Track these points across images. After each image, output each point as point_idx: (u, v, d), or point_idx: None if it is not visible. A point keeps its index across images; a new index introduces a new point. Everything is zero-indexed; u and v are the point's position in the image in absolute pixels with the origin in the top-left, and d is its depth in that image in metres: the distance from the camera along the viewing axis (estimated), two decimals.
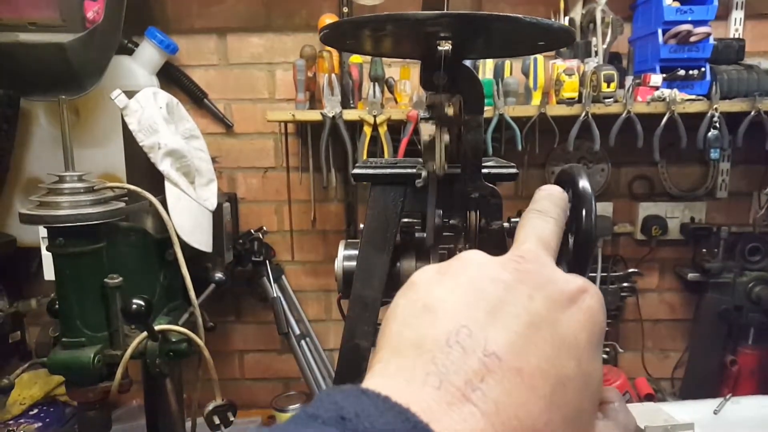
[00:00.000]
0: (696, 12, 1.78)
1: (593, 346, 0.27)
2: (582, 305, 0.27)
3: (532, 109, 1.84)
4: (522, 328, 0.25)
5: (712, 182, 2.09)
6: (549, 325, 0.26)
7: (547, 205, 0.36)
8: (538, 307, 0.26)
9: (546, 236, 0.33)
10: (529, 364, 0.24)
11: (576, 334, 0.26)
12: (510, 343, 0.24)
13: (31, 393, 1.97)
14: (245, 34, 2.07)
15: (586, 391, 0.26)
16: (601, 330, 0.28)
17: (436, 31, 0.68)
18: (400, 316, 0.28)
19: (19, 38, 1.60)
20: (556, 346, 0.25)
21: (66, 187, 1.29)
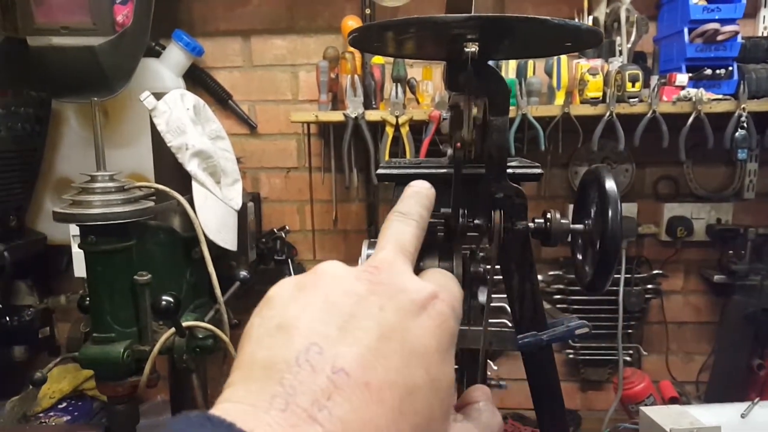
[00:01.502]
0: (723, 10, 1.75)
1: (443, 351, 0.27)
2: (432, 312, 0.28)
3: (556, 108, 1.83)
4: (372, 341, 0.25)
5: (739, 183, 2.06)
6: (399, 336, 0.26)
7: (411, 206, 0.36)
8: (389, 318, 0.26)
9: (405, 241, 0.33)
10: (378, 377, 0.24)
11: (425, 341, 0.26)
12: (359, 358, 0.24)
13: (60, 387, 2.01)
14: (269, 36, 2.09)
15: (435, 397, 0.26)
16: (452, 334, 0.28)
17: (462, 33, 0.69)
18: (254, 336, 0.27)
19: (52, 42, 1.65)
20: (405, 356, 0.25)
21: (98, 186, 1.33)
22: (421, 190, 0.38)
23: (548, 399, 0.95)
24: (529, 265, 0.91)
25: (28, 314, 2.02)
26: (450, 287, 0.31)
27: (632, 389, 2.00)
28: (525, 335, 0.92)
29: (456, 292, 0.32)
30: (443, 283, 0.32)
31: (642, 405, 1.95)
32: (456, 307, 0.30)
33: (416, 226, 0.35)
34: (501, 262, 0.90)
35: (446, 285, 0.31)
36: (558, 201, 2.12)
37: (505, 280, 0.91)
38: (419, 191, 0.38)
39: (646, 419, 1.49)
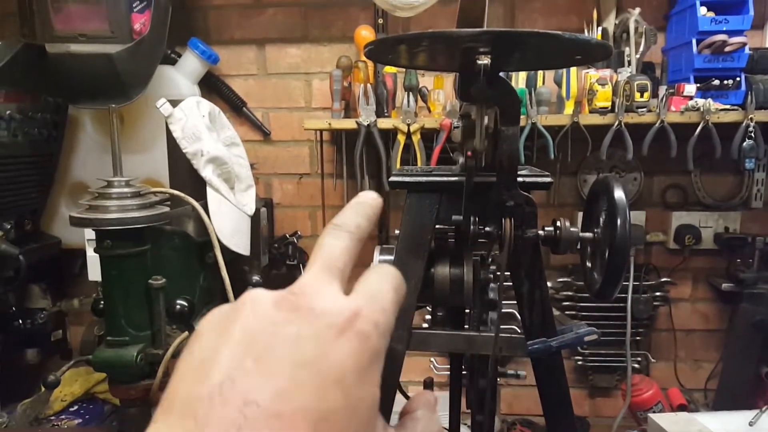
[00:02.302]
0: (731, 22, 1.77)
1: (362, 372, 0.27)
2: (350, 334, 0.27)
3: (565, 118, 1.85)
4: (286, 371, 0.25)
5: (746, 192, 2.07)
6: (314, 363, 0.26)
7: (347, 216, 0.35)
8: (305, 346, 0.26)
9: (333, 256, 0.32)
10: (290, 407, 0.24)
11: (342, 365, 0.26)
12: (271, 389, 0.24)
13: (72, 390, 2.03)
14: (283, 44, 2.13)
15: (354, 418, 0.26)
16: (373, 353, 0.28)
17: (475, 46, 0.71)
18: (179, 370, 0.27)
19: (70, 49, 1.67)
20: (320, 382, 0.25)
21: (114, 191, 1.35)
22: (364, 200, 0.37)
23: (557, 405, 0.97)
24: (539, 272, 0.93)
25: (41, 317, 2.03)
26: (378, 297, 0.30)
27: (640, 396, 2.00)
28: (534, 341, 0.93)
29: (385, 301, 0.30)
30: (372, 292, 0.30)
31: (650, 412, 1.96)
32: (380, 321, 0.28)
33: (349, 238, 0.34)
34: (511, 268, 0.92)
35: (374, 295, 0.30)
36: (567, 209, 2.14)
37: (515, 286, 0.93)
38: (361, 201, 0.37)
39: (655, 426, 1.50)
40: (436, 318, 1.09)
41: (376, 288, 0.31)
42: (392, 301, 0.31)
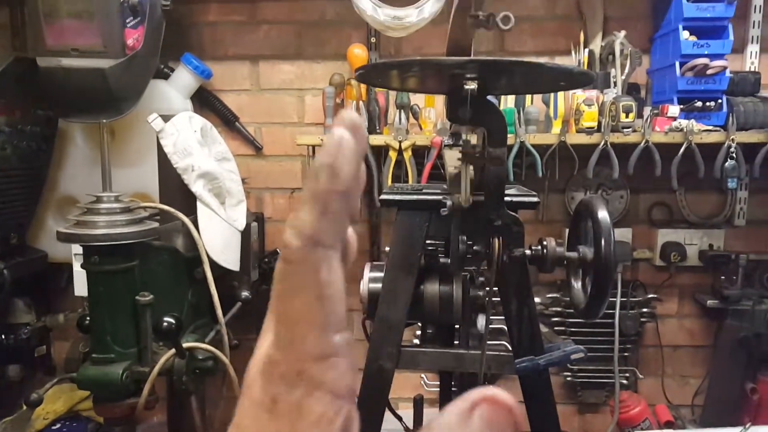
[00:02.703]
0: (712, 46, 1.82)
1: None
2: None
3: (552, 137, 1.88)
4: None
5: (730, 210, 2.10)
6: None
7: (308, 190, 0.23)
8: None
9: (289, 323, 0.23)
10: None
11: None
12: None
13: (55, 408, 1.99)
14: (277, 61, 2.14)
15: None
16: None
17: (462, 72, 0.73)
18: None
19: (62, 63, 1.67)
20: None
21: (103, 207, 1.35)
22: (336, 163, 0.22)
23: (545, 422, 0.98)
24: (527, 290, 0.94)
25: (24, 332, 1.99)
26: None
27: (628, 413, 2.02)
28: (522, 359, 0.95)
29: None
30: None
31: (638, 429, 1.97)
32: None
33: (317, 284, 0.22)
34: (499, 287, 0.93)
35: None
36: (555, 225, 2.16)
37: (504, 304, 0.95)
38: (333, 168, 0.22)
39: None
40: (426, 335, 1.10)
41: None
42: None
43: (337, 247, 0.23)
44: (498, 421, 0.22)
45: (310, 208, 0.22)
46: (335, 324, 0.23)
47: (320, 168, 0.22)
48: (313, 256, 0.22)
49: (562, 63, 1.97)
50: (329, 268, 0.23)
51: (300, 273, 0.22)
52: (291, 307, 0.22)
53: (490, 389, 0.22)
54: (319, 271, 0.22)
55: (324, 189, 0.22)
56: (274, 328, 0.23)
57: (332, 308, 0.23)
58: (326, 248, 0.22)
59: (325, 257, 0.22)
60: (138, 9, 1.70)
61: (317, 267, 0.22)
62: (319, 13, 2.11)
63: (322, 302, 0.22)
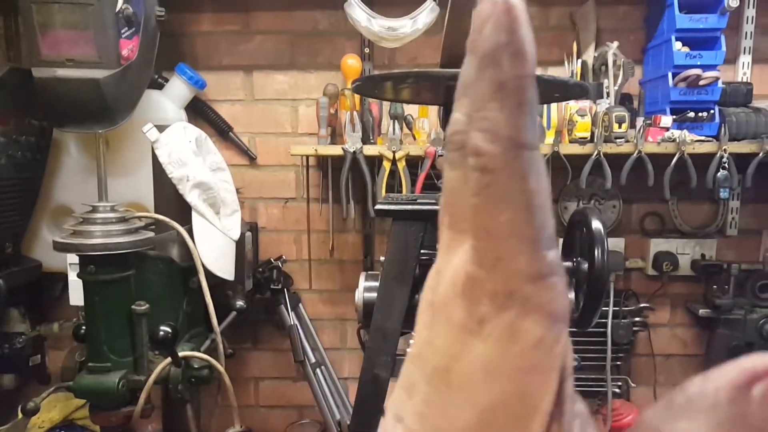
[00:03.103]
0: (705, 57, 1.84)
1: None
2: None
3: (546, 147, 1.89)
4: None
5: (722, 220, 2.12)
6: None
7: (489, 80, 0.19)
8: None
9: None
10: None
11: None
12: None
13: (51, 416, 1.99)
14: (271, 71, 2.15)
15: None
16: None
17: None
18: None
19: (57, 74, 1.67)
20: None
21: (99, 217, 1.35)
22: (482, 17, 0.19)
23: None
24: None
25: (19, 342, 2.00)
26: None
27: (621, 421, 2.02)
28: None
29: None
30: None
31: None
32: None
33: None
34: None
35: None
36: None
37: None
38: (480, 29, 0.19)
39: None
40: None
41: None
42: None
43: (539, 146, 0.19)
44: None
45: (500, 103, 0.18)
46: (548, 239, 0.19)
47: (497, 49, 0.18)
48: (519, 160, 0.18)
49: (556, 74, 1.99)
50: (538, 173, 0.19)
51: (505, 182, 0.19)
52: (495, 221, 0.19)
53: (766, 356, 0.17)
54: (528, 179, 0.19)
55: (512, 75, 0.18)
56: (473, 244, 0.19)
57: (544, 221, 0.19)
58: (530, 149, 0.19)
59: (531, 160, 0.19)
60: (133, 19, 1.71)
61: (524, 173, 0.19)
62: (312, 24, 2.13)
63: (532, 214, 0.19)
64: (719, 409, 0.16)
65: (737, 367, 0.17)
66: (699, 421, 0.16)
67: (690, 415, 0.16)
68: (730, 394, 0.17)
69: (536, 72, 0.19)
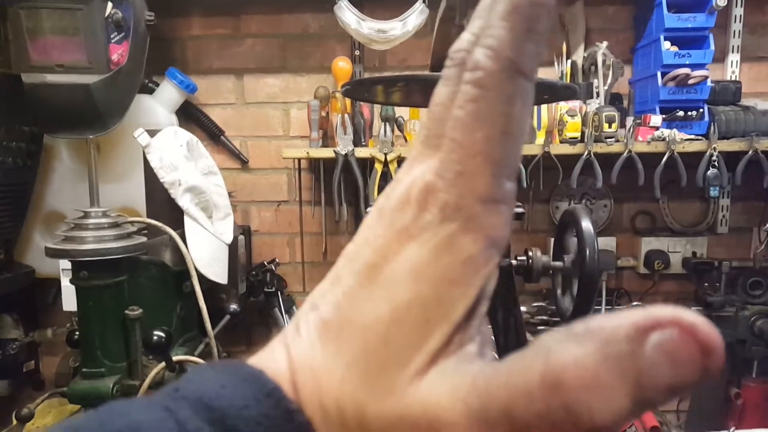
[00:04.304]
0: (693, 56, 1.85)
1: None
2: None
3: (536, 147, 1.90)
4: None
5: (712, 218, 2.14)
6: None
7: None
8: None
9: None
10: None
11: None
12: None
13: (45, 422, 1.98)
14: (262, 74, 2.15)
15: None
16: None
17: None
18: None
19: (47, 79, 1.67)
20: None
21: (91, 222, 1.35)
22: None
23: None
24: (513, 300, 0.95)
25: (12, 348, 1.99)
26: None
27: None
28: None
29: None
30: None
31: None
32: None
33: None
34: None
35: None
36: (540, 235, 2.18)
37: (490, 314, 0.96)
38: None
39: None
40: None
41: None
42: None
43: (534, 79, 0.20)
44: (684, 358, 0.16)
45: (510, 24, 0.19)
46: (511, 168, 0.20)
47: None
48: (511, 84, 0.19)
49: (545, 74, 2.00)
50: (524, 102, 0.19)
51: (492, 101, 0.19)
52: (471, 137, 0.19)
53: (680, 310, 0.17)
54: (513, 104, 0.19)
55: (528, 1, 0.19)
56: (443, 154, 0.20)
57: (514, 149, 0.20)
58: (525, 77, 0.19)
59: (522, 88, 0.19)
60: (122, 24, 1.71)
61: (512, 98, 0.19)
62: (302, 27, 2.13)
63: (506, 139, 0.19)
64: (612, 342, 0.17)
65: (645, 311, 0.17)
66: (588, 348, 0.16)
67: (583, 342, 0.17)
68: (628, 332, 0.17)
69: (553, 2, 0.19)
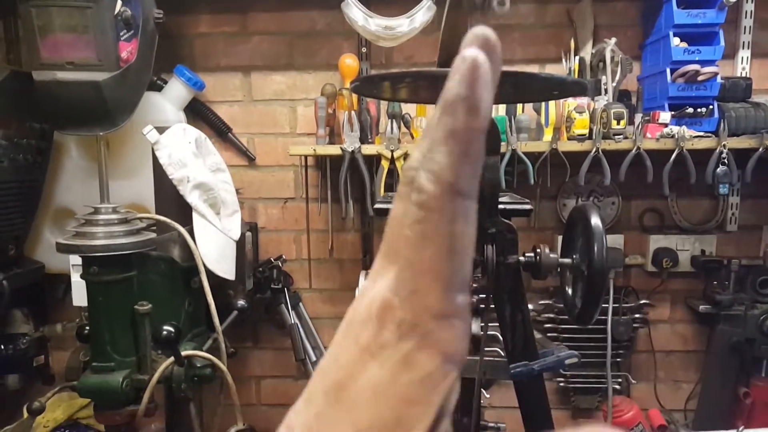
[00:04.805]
0: (703, 52, 1.84)
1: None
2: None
3: (544, 144, 1.90)
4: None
5: (721, 216, 2.13)
6: None
7: (444, 127, 0.20)
8: None
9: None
10: None
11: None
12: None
13: (55, 416, 2.01)
14: (269, 72, 2.16)
15: None
16: None
17: None
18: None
19: (57, 76, 1.68)
20: None
21: (101, 218, 1.36)
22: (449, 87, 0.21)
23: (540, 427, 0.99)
24: (521, 297, 0.96)
25: (23, 343, 2.01)
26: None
27: (621, 417, 2.03)
28: (517, 365, 0.96)
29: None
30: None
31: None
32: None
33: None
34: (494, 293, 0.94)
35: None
36: (547, 232, 2.18)
37: (498, 311, 0.96)
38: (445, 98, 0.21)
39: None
40: None
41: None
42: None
43: (475, 197, 0.21)
44: None
45: (448, 149, 0.20)
46: (461, 283, 0.21)
47: (457, 101, 0.20)
48: (452, 205, 0.20)
49: (553, 71, 1.99)
50: (466, 220, 0.21)
51: (435, 222, 0.20)
52: (420, 256, 0.20)
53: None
54: (456, 223, 0.20)
55: (464, 127, 0.20)
56: (397, 272, 0.21)
57: (462, 265, 0.21)
58: (465, 197, 0.20)
59: (463, 208, 0.20)
60: (131, 22, 1.72)
61: (454, 218, 0.20)
62: (309, 24, 2.14)
63: (452, 257, 0.20)
64: None
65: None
66: None
67: None
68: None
69: (486, 127, 0.20)
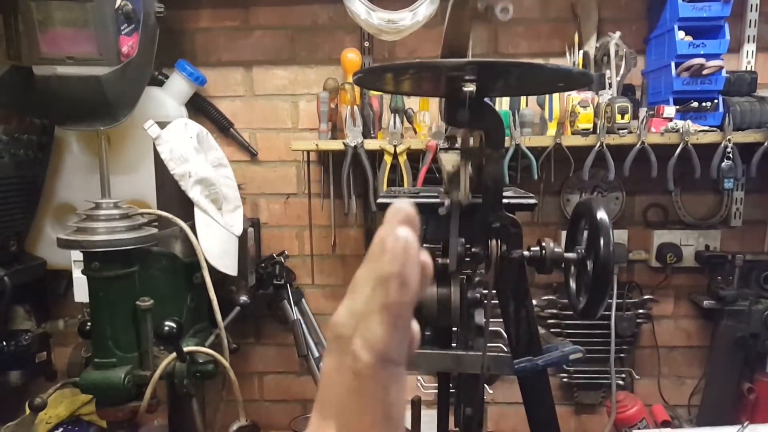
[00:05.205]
0: (708, 46, 1.83)
1: None
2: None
3: (548, 139, 1.88)
4: None
5: (726, 211, 2.11)
6: None
7: (378, 300, 0.23)
8: None
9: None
10: None
11: None
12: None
13: (57, 412, 2.01)
14: (270, 66, 2.15)
15: None
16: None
17: (461, 74, 0.74)
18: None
19: (57, 71, 1.67)
20: None
21: (102, 213, 1.36)
22: (385, 241, 0.24)
23: (544, 422, 0.98)
24: (525, 292, 0.95)
25: (25, 339, 2.01)
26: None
27: (625, 413, 2.02)
28: (521, 360, 0.95)
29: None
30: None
31: (635, 428, 1.98)
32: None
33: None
34: (497, 288, 0.94)
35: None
36: (551, 227, 2.17)
37: (502, 306, 0.95)
38: (380, 243, 0.24)
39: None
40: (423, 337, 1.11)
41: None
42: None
43: (404, 363, 0.23)
44: None
45: (381, 320, 0.22)
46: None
47: (390, 277, 0.22)
48: (384, 373, 0.22)
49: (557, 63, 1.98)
50: (398, 388, 0.23)
51: (370, 391, 0.22)
52: (359, 422, 0.22)
53: None
54: (389, 391, 0.22)
55: (395, 301, 0.22)
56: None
57: (396, 429, 0.23)
58: (396, 365, 0.22)
59: (394, 376, 0.22)
60: (132, 16, 1.71)
61: (387, 386, 0.22)
62: (311, 18, 2.12)
63: (388, 423, 0.22)
64: None
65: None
66: None
67: None
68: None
69: (415, 300, 0.23)
